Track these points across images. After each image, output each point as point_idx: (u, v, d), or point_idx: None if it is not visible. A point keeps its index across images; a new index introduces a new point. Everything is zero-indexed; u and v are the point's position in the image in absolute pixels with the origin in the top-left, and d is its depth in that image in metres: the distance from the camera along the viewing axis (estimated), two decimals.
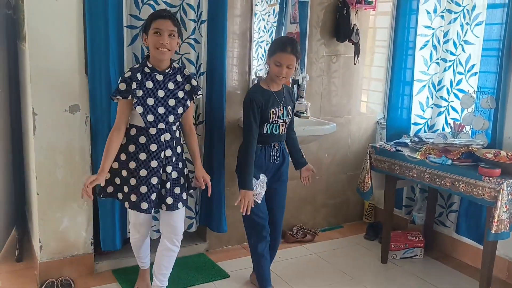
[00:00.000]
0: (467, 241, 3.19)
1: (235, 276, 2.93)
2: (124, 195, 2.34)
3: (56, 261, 2.72)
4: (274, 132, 2.55)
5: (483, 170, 2.47)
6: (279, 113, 2.53)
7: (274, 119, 2.52)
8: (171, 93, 2.30)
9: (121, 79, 2.24)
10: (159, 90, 2.26)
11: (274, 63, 2.45)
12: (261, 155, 2.56)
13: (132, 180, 2.30)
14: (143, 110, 2.23)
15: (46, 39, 2.48)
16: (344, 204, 3.86)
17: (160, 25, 2.20)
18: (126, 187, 2.32)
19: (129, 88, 2.20)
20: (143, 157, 2.28)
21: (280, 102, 2.54)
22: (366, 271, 3.12)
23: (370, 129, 3.85)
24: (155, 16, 2.24)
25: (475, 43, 3.06)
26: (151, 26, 2.21)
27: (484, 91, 2.91)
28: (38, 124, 2.53)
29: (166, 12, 2.27)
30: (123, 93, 2.21)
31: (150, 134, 2.27)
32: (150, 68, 2.27)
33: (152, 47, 2.22)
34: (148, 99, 2.24)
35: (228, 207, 3.14)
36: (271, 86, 2.54)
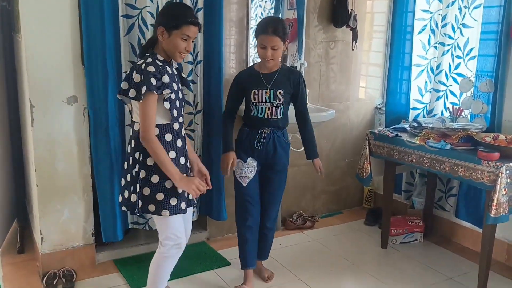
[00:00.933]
0: (467, 225, 3.21)
1: (236, 263, 2.94)
2: (158, 203, 2.10)
3: (57, 253, 2.73)
4: (259, 115, 2.51)
5: (482, 154, 2.47)
6: (264, 95, 2.49)
7: (257, 101, 2.50)
8: (179, 86, 2.22)
9: (146, 74, 2.01)
10: (173, 83, 2.14)
11: (259, 46, 2.43)
12: (247, 139, 2.56)
13: (168, 182, 2.10)
14: (170, 105, 2.10)
15: (42, 30, 2.46)
16: (343, 190, 3.87)
17: (191, 33, 2.09)
18: (161, 193, 2.09)
19: (161, 82, 2.03)
20: (173, 156, 2.12)
21: (268, 84, 2.50)
22: (366, 256, 3.14)
23: (369, 115, 3.84)
24: (188, 21, 2.08)
25: (474, 27, 3.04)
26: (181, 29, 2.06)
27: (483, 74, 2.90)
28: (36, 116, 2.52)
29: (197, 18, 2.15)
30: (157, 88, 2.02)
31: (175, 130, 2.14)
32: (162, 61, 2.12)
33: (173, 48, 2.10)
34: (173, 93, 2.12)
35: (228, 195, 3.15)
36: (262, 68, 2.53)
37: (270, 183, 2.65)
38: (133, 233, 3.11)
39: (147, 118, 2.03)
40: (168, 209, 2.11)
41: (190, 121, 2.91)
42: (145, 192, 2.10)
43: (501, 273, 2.89)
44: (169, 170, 2.06)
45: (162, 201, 2.10)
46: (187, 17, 2.09)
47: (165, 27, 2.08)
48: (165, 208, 2.10)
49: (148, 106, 2.03)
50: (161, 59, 2.13)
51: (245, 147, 2.57)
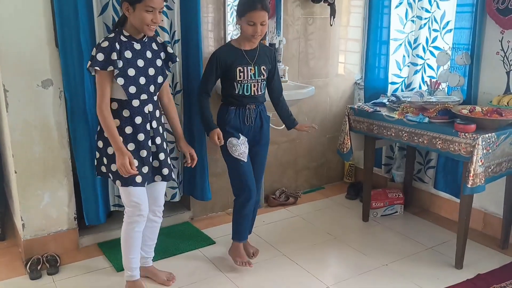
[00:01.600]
0: (445, 196, 3.28)
1: (220, 242, 2.98)
2: (113, 173, 2.23)
3: (40, 238, 2.71)
4: (246, 93, 2.51)
5: (459, 126, 2.52)
6: (249, 72, 2.49)
7: (243, 78, 2.48)
8: (150, 62, 2.22)
9: (98, 49, 2.09)
10: (138, 59, 2.17)
11: (246, 23, 2.40)
12: (236, 117, 2.55)
13: None
14: (124, 81, 2.13)
15: (12, 13, 2.38)
16: (325, 165, 3.91)
17: (154, 3, 2.08)
18: (114, 164, 2.19)
19: (108, 59, 2.08)
20: (129, 131, 2.20)
21: (251, 61, 2.50)
22: (348, 230, 3.20)
23: (349, 90, 3.86)
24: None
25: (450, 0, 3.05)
26: (143, 1, 2.07)
27: (459, 47, 2.92)
28: (11, 101, 2.47)
29: None
30: (102, 64, 2.08)
31: (134, 107, 2.19)
32: (127, 37, 2.16)
33: (140, 22, 2.10)
34: (129, 69, 2.14)
35: (211, 174, 3.16)
36: (243, 45, 2.50)
37: (257, 157, 2.68)
38: (116, 215, 3.08)
39: (98, 93, 2.15)
40: (120, 180, 2.22)
41: None
42: (104, 161, 2.26)
43: (478, 241, 2.98)
44: (114, 144, 2.16)
45: (116, 172, 2.21)
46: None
47: (129, 2, 2.10)
48: (118, 179, 2.22)
49: (98, 81, 2.14)
50: (126, 34, 2.16)
51: (235, 125, 2.55)
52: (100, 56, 2.08)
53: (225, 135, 2.55)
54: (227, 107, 2.56)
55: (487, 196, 2.92)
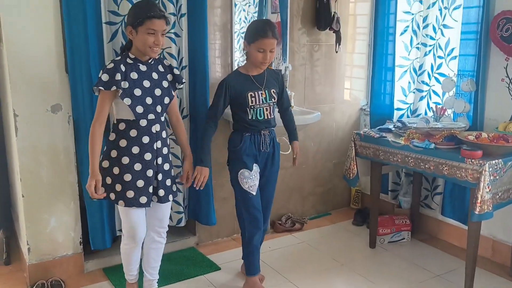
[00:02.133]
0: (453, 222, 3.25)
1: (226, 268, 2.95)
2: (117, 194, 2.25)
3: (45, 262, 2.70)
4: (259, 117, 2.52)
5: (465, 152, 2.51)
6: (260, 96, 2.51)
7: (255, 103, 2.50)
8: (156, 83, 2.27)
9: (103, 70, 2.16)
10: (144, 80, 2.22)
11: (256, 50, 2.43)
12: (251, 144, 2.54)
13: (126, 176, 2.23)
14: (131, 101, 2.18)
15: (24, 38, 2.44)
16: (331, 191, 3.90)
17: (155, 26, 2.13)
18: (119, 185, 2.23)
19: (112, 79, 2.13)
20: (136, 151, 2.23)
21: (261, 85, 2.52)
22: (355, 256, 3.16)
23: (354, 116, 3.88)
24: (150, 15, 2.13)
25: (454, 27, 3.09)
26: (144, 24, 2.12)
27: (464, 74, 2.95)
28: (20, 126, 2.50)
29: (161, 11, 2.18)
30: (106, 84, 2.13)
31: (141, 126, 2.23)
32: (133, 59, 2.22)
33: (142, 45, 2.16)
34: (135, 90, 2.19)
35: (217, 199, 3.16)
36: (250, 71, 2.53)
37: (268, 184, 2.68)
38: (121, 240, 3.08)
39: (96, 111, 2.21)
40: (124, 200, 2.25)
41: None
42: (107, 181, 2.26)
43: (487, 269, 2.94)
44: (91, 163, 2.20)
45: (119, 192, 2.24)
46: (148, 11, 2.14)
47: (132, 25, 2.17)
48: (121, 199, 2.25)
49: (99, 100, 2.20)
50: (132, 57, 2.22)
51: (251, 152, 2.54)
52: (105, 76, 2.14)
53: (239, 164, 2.53)
54: (241, 134, 2.54)
55: (496, 223, 2.88)
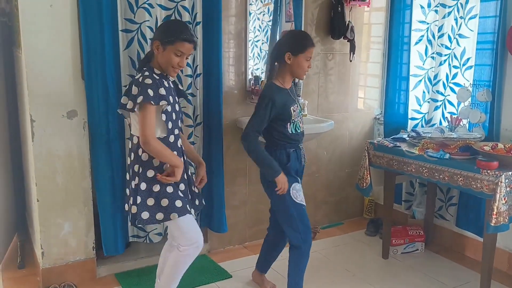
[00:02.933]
0: (468, 234, 3.20)
1: (237, 276, 2.94)
2: (165, 209, 2.16)
3: (58, 267, 2.72)
4: (298, 130, 2.51)
5: (481, 163, 2.48)
6: (297, 110, 2.51)
7: (295, 117, 2.47)
8: (174, 98, 2.27)
9: (143, 86, 2.07)
10: (169, 96, 2.19)
11: (305, 59, 2.41)
12: (296, 159, 2.52)
13: (168, 188, 2.17)
14: (166, 117, 2.16)
15: (42, 45, 2.48)
16: (344, 201, 3.87)
17: (185, 49, 2.14)
18: (165, 199, 2.16)
19: (157, 93, 2.09)
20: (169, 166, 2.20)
21: (295, 98, 2.53)
22: (367, 267, 3.13)
23: (368, 125, 3.86)
24: (183, 38, 2.12)
25: (470, 37, 3.06)
26: (175, 44, 2.11)
27: (480, 84, 2.92)
28: (36, 131, 2.54)
29: (193, 36, 2.18)
30: (155, 99, 2.08)
31: (171, 142, 2.20)
32: (158, 75, 2.19)
33: (166, 62, 2.15)
34: (168, 107, 2.18)
35: (228, 207, 3.16)
36: (286, 84, 2.48)
37: None
38: (134, 246, 3.10)
39: (147, 126, 2.07)
40: (176, 211, 2.17)
41: (190, 133, 2.93)
42: (149, 202, 2.16)
43: (503, 282, 2.88)
44: (173, 162, 2.14)
45: (167, 206, 2.16)
46: (182, 33, 2.14)
47: (160, 41, 2.15)
48: (173, 211, 2.16)
49: (147, 115, 2.07)
50: (158, 72, 2.19)
51: (296, 167, 2.53)
52: (151, 92, 2.07)
53: (290, 179, 2.46)
54: (285, 150, 2.48)
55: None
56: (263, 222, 3.43)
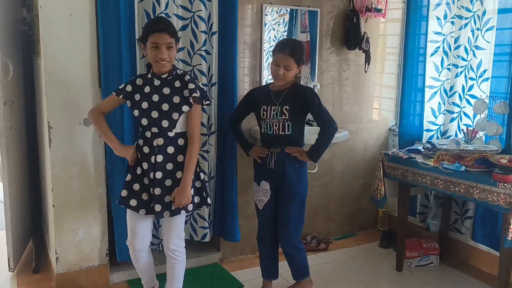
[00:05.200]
0: (484, 248, 3.15)
1: (249, 285, 2.93)
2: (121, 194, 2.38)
3: (72, 272, 2.75)
4: (268, 132, 2.56)
5: (497, 176, 2.45)
6: (272, 111, 2.53)
7: (265, 117, 2.55)
8: (165, 98, 2.28)
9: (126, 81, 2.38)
10: (154, 94, 2.29)
11: (273, 63, 2.51)
12: (261, 160, 2.63)
13: (128, 175, 2.36)
14: (138, 113, 2.30)
15: (61, 53, 2.53)
16: (357, 212, 3.85)
17: (157, 39, 2.19)
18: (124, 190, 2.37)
19: (123, 89, 2.32)
20: (139, 157, 2.35)
21: (277, 101, 2.54)
22: (381, 279, 3.09)
23: (383, 136, 3.84)
24: (151, 29, 2.21)
25: (486, 48, 3.04)
26: (148, 39, 2.20)
27: (497, 96, 2.89)
28: (54, 137, 2.58)
29: (162, 24, 2.22)
30: (117, 91, 2.33)
31: (146, 137, 2.32)
32: (152, 74, 2.33)
33: (151, 60, 2.27)
34: (143, 103, 2.29)
35: (241, 216, 3.16)
36: (273, 86, 2.60)
37: (281, 206, 2.63)
38: None
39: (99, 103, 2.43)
40: (119, 198, 2.37)
41: (204, 142, 2.94)
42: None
43: None
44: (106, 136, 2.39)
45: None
46: (150, 27, 2.24)
47: (142, 42, 2.28)
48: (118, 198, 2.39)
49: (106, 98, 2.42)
50: (152, 72, 2.33)
51: (259, 168, 2.65)
52: (122, 85, 2.35)
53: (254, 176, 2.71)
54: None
55: None
56: None
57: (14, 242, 2.91)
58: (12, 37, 2.94)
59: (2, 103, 2.76)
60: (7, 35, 2.84)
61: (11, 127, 2.88)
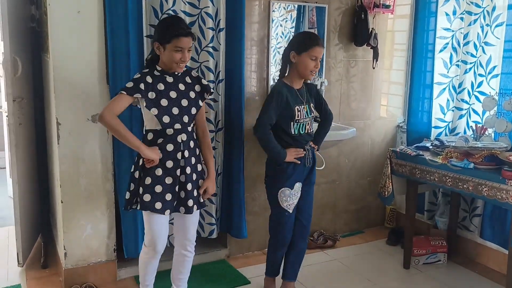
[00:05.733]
0: (492, 246, 3.13)
1: (255, 282, 2.94)
2: (139, 197, 2.26)
3: (80, 268, 2.77)
4: (301, 132, 2.55)
5: (506, 173, 2.43)
6: (303, 111, 2.53)
7: (299, 118, 2.51)
8: (183, 93, 2.29)
9: (131, 79, 2.25)
10: (171, 91, 2.26)
11: (309, 58, 2.44)
12: (301, 160, 2.56)
13: (147, 179, 2.24)
14: (158, 111, 2.22)
15: (69, 50, 2.54)
16: (365, 209, 3.83)
17: (183, 44, 2.18)
18: (141, 188, 2.25)
19: (136, 87, 2.19)
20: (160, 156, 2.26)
21: (303, 99, 2.54)
22: (388, 276, 3.09)
23: (391, 133, 3.82)
24: (177, 33, 2.17)
25: (496, 45, 3.01)
26: (172, 41, 2.16)
27: (507, 92, 2.86)
28: (62, 134, 2.59)
29: (186, 27, 2.22)
30: (129, 90, 2.18)
31: (167, 135, 2.25)
32: (160, 71, 2.26)
33: (169, 61, 2.21)
34: (162, 100, 2.23)
35: (249, 213, 3.16)
36: (294, 84, 2.54)
37: (307, 197, 2.68)
38: None
39: (109, 105, 2.19)
40: (140, 204, 2.26)
41: (211, 138, 2.94)
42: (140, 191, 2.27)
43: None
44: (131, 143, 2.22)
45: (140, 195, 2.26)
46: (175, 30, 2.18)
47: (159, 42, 2.21)
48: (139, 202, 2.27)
49: (116, 99, 2.20)
50: (159, 69, 2.27)
51: (295, 171, 2.55)
52: (130, 84, 2.20)
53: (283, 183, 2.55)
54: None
55: None
56: None
57: (23, 238, 2.94)
58: (21, 34, 2.96)
59: (11, 100, 2.79)
60: (16, 32, 2.86)
61: (20, 124, 2.90)
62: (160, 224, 2.33)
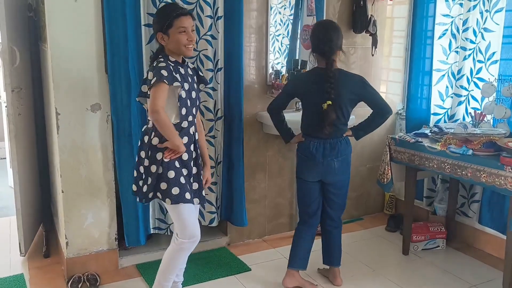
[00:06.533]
0: (490, 231, 3.15)
1: (256, 269, 2.96)
2: (163, 192, 2.21)
3: (82, 257, 2.79)
4: None
5: (505, 159, 2.44)
6: None
7: None
8: (192, 85, 2.29)
9: (158, 69, 2.11)
10: (185, 83, 2.23)
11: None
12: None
13: (170, 173, 2.19)
14: (180, 103, 2.19)
15: (67, 39, 2.53)
16: (364, 196, 3.85)
17: (185, 23, 2.17)
18: (164, 183, 2.20)
19: (171, 76, 2.12)
20: None
21: None
22: (387, 263, 3.11)
23: (390, 120, 3.81)
24: (176, 14, 2.16)
25: (495, 31, 3.00)
26: (174, 24, 2.15)
27: (506, 79, 2.86)
28: (61, 123, 2.59)
29: (184, 8, 2.24)
30: (168, 79, 2.10)
31: (183, 128, 2.23)
32: (174, 62, 2.22)
33: (179, 45, 2.17)
34: (181, 92, 2.20)
35: (248, 201, 3.17)
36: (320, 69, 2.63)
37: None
38: (155, 238, 3.15)
39: (158, 99, 2.09)
40: (170, 198, 2.19)
41: (210, 127, 2.95)
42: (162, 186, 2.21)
43: None
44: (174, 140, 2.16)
45: (165, 190, 2.20)
46: (174, 11, 2.18)
47: (161, 31, 2.19)
48: (168, 197, 2.20)
49: (158, 91, 2.09)
50: (172, 60, 2.23)
51: None
52: (164, 72, 2.11)
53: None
54: None
55: None
56: (283, 216, 3.44)
57: (25, 227, 2.96)
58: (18, 24, 2.95)
59: (10, 90, 2.79)
60: (14, 22, 2.85)
61: (19, 114, 2.90)
62: (193, 213, 2.33)
